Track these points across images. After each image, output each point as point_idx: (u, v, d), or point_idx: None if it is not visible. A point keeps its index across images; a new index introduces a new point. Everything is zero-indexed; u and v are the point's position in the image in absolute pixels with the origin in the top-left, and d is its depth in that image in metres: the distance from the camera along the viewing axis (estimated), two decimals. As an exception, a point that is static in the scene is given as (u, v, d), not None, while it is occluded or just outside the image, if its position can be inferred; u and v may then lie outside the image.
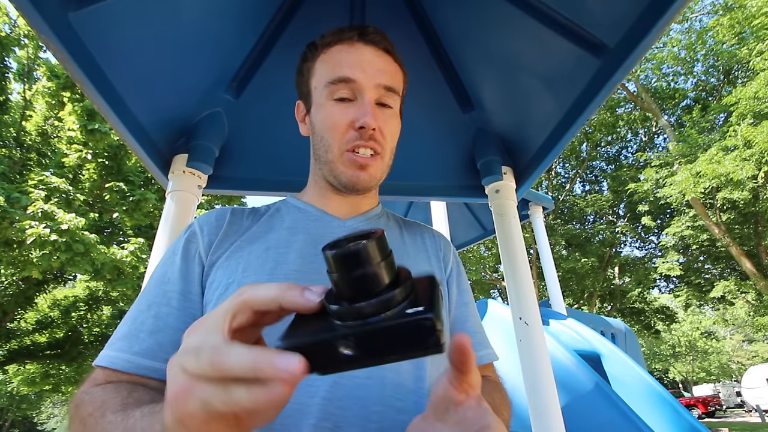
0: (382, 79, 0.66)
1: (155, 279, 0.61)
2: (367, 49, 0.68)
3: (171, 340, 0.55)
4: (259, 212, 0.71)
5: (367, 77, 0.65)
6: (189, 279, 0.59)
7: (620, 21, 0.87)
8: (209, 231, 0.64)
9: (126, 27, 0.89)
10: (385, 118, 0.67)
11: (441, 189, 1.41)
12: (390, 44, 0.70)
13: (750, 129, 9.38)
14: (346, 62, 0.66)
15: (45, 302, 12.10)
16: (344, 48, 0.67)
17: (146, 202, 8.16)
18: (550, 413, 1.09)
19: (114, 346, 0.55)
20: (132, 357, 0.53)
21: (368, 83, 0.65)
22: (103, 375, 0.53)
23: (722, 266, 14.14)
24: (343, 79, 0.65)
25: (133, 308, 0.59)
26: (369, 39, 0.68)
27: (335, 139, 0.65)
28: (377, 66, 0.67)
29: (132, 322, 0.56)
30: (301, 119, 0.75)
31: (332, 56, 0.68)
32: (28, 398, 21.44)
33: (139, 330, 0.55)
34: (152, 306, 0.57)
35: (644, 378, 3.20)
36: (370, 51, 0.68)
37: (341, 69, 0.65)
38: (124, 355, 0.53)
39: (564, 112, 1.09)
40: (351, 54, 0.67)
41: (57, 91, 8.14)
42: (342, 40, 0.68)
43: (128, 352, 0.54)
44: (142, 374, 0.53)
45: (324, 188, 0.71)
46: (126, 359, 0.53)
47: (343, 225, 0.68)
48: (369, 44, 0.68)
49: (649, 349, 28.08)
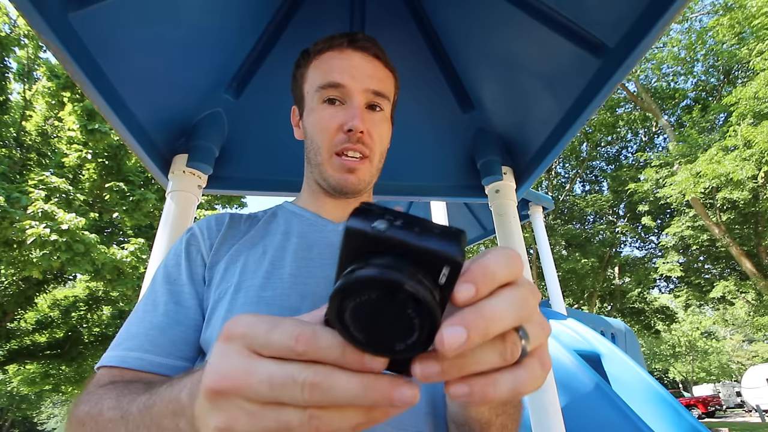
0: (371, 84, 0.68)
1: (160, 280, 0.61)
2: (356, 54, 0.70)
3: (183, 338, 0.56)
4: (257, 217, 0.72)
5: (355, 82, 0.67)
6: (195, 280, 0.61)
7: (620, 21, 0.87)
8: (209, 234, 0.66)
9: (126, 27, 0.89)
10: (374, 121, 0.68)
11: (441, 189, 1.41)
12: (380, 50, 0.72)
13: (750, 129, 9.38)
14: (336, 68, 0.68)
15: (45, 302, 12.10)
16: (335, 54, 0.70)
17: (146, 202, 8.16)
18: (550, 413, 1.09)
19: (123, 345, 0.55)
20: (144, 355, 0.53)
21: (357, 87, 0.67)
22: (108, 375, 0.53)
23: (722, 266, 14.14)
24: (332, 84, 0.67)
25: (138, 310, 0.59)
26: (358, 45, 0.70)
27: (324, 142, 0.67)
28: (366, 71, 0.69)
29: (140, 322, 0.57)
30: (296, 124, 0.78)
31: (323, 62, 0.70)
32: (28, 398, 21.44)
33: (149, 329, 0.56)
34: (159, 305, 0.58)
35: (644, 378, 3.20)
36: (359, 57, 0.70)
37: (331, 74, 0.67)
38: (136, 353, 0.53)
39: (564, 112, 1.09)
40: (341, 60, 0.69)
41: (57, 91, 8.14)
42: (332, 47, 0.70)
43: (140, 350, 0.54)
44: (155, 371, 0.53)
45: (317, 192, 0.73)
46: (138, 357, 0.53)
47: (336, 229, 0.69)
48: (358, 50, 0.70)
49: (649, 349, 28.07)
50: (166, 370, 0.53)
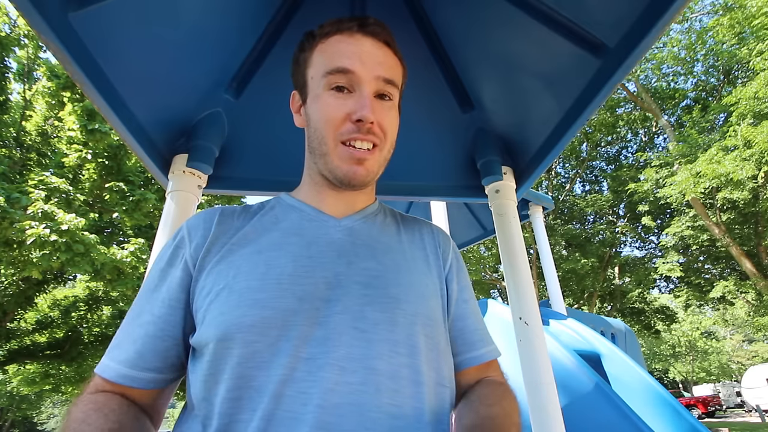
0: (382, 72, 0.64)
1: (144, 287, 0.61)
2: (366, 40, 0.66)
3: (151, 349, 0.55)
4: (251, 211, 0.69)
5: (366, 69, 0.63)
6: (172, 287, 0.59)
7: (620, 21, 0.87)
8: (197, 235, 0.63)
9: (126, 27, 0.89)
10: (383, 111, 0.65)
11: (441, 189, 1.41)
12: (390, 37, 0.69)
13: (750, 129, 9.37)
14: (345, 53, 0.64)
15: (45, 302, 12.09)
16: (343, 38, 0.65)
17: (146, 202, 8.15)
18: (550, 413, 1.09)
19: (108, 354, 0.56)
20: (116, 366, 0.55)
21: (367, 75, 0.63)
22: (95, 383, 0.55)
23: (722, 266, 14.14)
24: (341, 70, 0.63)
25: (126, 316, 0.60)
26: (369, 30, 0.66)
27: (330, 131, 0.63)
28: (377, 58, 0.65)
29: (122, 330, 0.58)
30: (296, 110, 0.73)
31: (331, 46, 0.65)
32: (28, 398, 21.43)
33: (126, 339, 0.57)
34: (139, 314, 0.58)
35: (644, 378, 3.19)
36: (369, 42, 0.66)
37: (340, 59, 0.63)
38: (111, 363, 0.55)
39: (564, 112, 1.09)
40: (350, 45, 0.65)
41: (57, 91, 8.12)
42: (341, 31, 0.66)
43: (115, 360, 0.55)
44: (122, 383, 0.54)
45: (319, 183, 0.69)
46: (112, 368, 0.55)
47: (338, 224, 0.66)
48: (369, 36, 0.66)
49: (649, 349, 28.06)
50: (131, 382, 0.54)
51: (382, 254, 0.64)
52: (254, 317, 0.52)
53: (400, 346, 0.55)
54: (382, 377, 0.52)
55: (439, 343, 0.61)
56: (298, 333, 0.52)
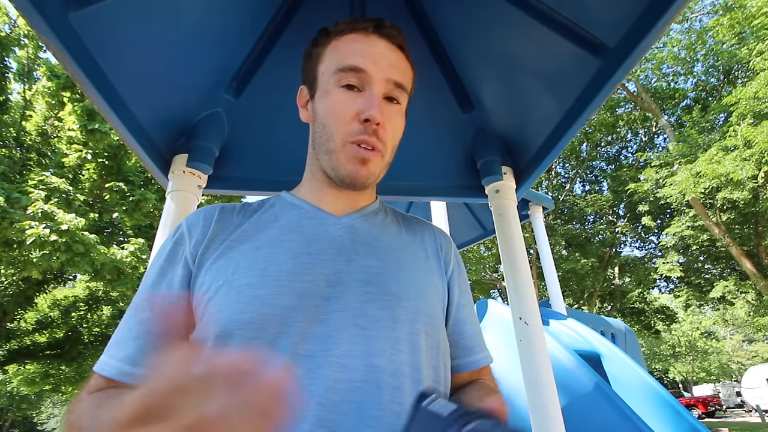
0: (393, 74, 0.65)
1: (143, 284, 0.61)
2: (381, 42, 0.66)
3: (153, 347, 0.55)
4: (251, 208, 0.69)
5: (378, 69, 0.63)
6: (171, 284, 0.59)
7: (620, 21, 0.87)
8: (197, 231, 0.63)
9: (126, 27, 0.89)
10: (390, 113, 0.65)
11: (441, 189, 1.41)
12: (404, 42, 0.69)
13: (750, 129, 9.38)
14: (359, 52, 0.64)
15: (45, 302, 12.09)
16: (358, 37, 0.66)
17: (146, 202, 8.15)
18: (550, 413, 1.09)
19: (107, 352, 0.56)
20: (117, 363, 0.54)
21: (378, 76, 0.63)
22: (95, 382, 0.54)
23: (722, 266, 14.15)
24: (353, 68, 0.63)
25: (125, 314, 0.59)
26: (385, 32, 0.67)
27: (338, 128, 0.63)
28: (389, 60, 0.65)
29: (121, 328, 0.57)
30: (303, 105, 0.73)
31: (345, 44, 0.66)
32: (28, 398, 21.45)
33: (126, 336, 0.56)
34: (138, 311, 0.58)
35: (644, 378, 3.19)
36: (384, 44, 0.66)
37: (353, 58, 0.64)
38: (111, 361, 0.55)
39: (564, 112, 1.09)
40: (364, 44, 0.65)
41: (57, 91, 8.12)
42: (357, 30, 0.66)
43: (115, 358, 0.55)
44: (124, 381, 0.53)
45: (320, 181, 0.69)
46: (113, 366, 0.54)
47: (338, 222, 0.66)
48: (384, 38, 0.67)
49: (649, 349, 28.07)
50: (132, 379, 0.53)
51: (382, 252, 0.64)
52: (253, 314, 0.52)
53: (402, 344, 0.55)
54: (383, 374, 0.52)
55: (438, 342, 0.61)
56: (298, 330, 0.52)
